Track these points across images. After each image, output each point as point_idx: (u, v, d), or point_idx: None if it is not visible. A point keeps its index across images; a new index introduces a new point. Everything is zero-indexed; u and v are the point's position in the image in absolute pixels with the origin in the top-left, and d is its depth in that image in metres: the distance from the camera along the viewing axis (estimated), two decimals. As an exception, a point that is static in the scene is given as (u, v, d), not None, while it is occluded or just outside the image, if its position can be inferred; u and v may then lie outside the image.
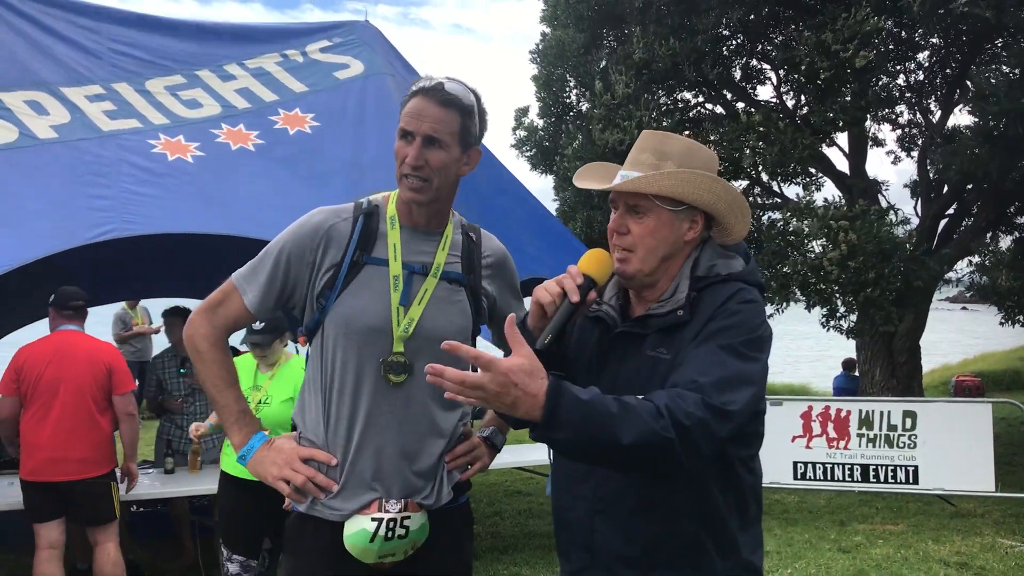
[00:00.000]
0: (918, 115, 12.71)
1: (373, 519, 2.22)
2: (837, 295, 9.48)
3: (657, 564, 1.94)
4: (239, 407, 2.33)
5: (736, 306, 1.91)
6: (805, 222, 9.60)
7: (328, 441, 2.26)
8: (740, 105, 11.88)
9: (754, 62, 11.87)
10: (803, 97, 11.19)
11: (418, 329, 2.27)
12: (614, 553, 1.97)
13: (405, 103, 2.24)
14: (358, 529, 2.23)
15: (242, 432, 2.32)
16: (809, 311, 10.93)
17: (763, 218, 11.63)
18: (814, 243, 9.59)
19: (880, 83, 9.93)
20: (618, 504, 1.96)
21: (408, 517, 2.25)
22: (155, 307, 12.01)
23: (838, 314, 10.14)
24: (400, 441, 2.26)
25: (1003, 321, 10.15)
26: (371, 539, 2.22)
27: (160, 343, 9.77)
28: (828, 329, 11.20)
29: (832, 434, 8.27)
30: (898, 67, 11.29)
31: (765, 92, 20.35)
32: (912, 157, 13.14)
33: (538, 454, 7.33)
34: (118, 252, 7.18)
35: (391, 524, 2.23)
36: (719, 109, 12.22)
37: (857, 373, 12.75)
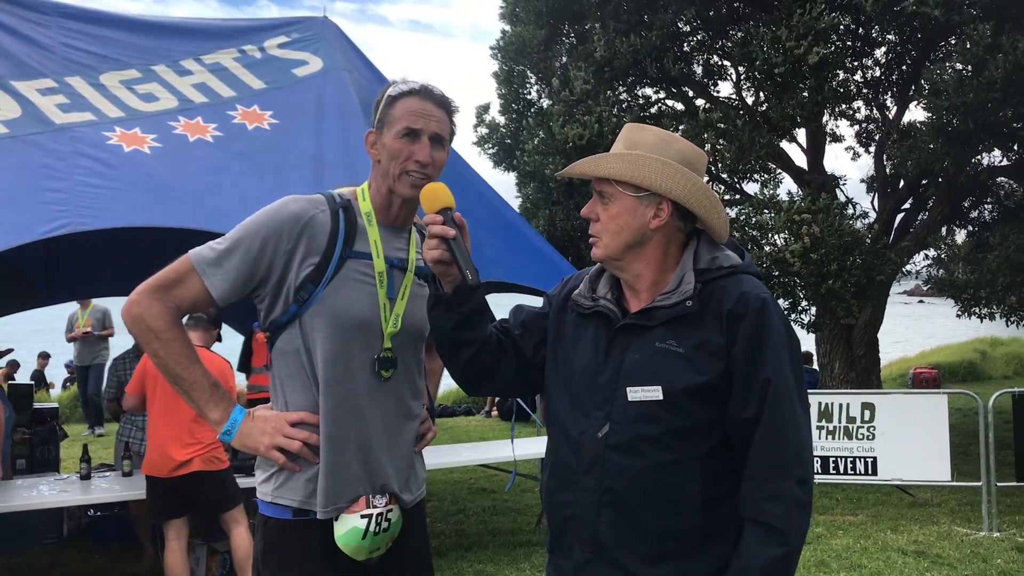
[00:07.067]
0: (875, 111, 12.88)
1: (363, 516, 2.22)
2: (800, 288, 9.57)
3: (665, 555, 1.94)
4: (209, 382, 2.25)
5: (761, 326, 1.94)
6: (769, 215, 9.67)
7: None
8: (700, 102, 11.94)
9: (715, 58, 11.95)
10: (762, 94, 11.27)
11: (402, 324, 2.31)
12: (622, 546, 1.95)
13: (390, 103, 2.28)
14: (350, 528, 2.22)
15: (219, 407, 2.24)
16: (770, 305, 10.94)
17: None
18: (776, 237, 9.67)
19: (837, 79, 10.03)
20: (628, 496, 1.94)
21: (391, 510, 2.28)
22: (116, 306, 11.83)
23: (800, 307, 10.24)
24: (383, 434, 2.29)
25: (959, 313, 10.27)
26: (363, 536, 2.22)
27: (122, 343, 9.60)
28: (789, 323, 11.24)
29: (792, 426, 8.32)
30: (855, 63, 11.42)
31: (726, 88, 20.50)
32: (870, 152, 13.32)
33: (501, 451, 7.31)
34: (74, 248, 7.04)
35: (379, 519, 2.24)
36: (679, 106, 12.28)
37: (816, 366, 12.90)
